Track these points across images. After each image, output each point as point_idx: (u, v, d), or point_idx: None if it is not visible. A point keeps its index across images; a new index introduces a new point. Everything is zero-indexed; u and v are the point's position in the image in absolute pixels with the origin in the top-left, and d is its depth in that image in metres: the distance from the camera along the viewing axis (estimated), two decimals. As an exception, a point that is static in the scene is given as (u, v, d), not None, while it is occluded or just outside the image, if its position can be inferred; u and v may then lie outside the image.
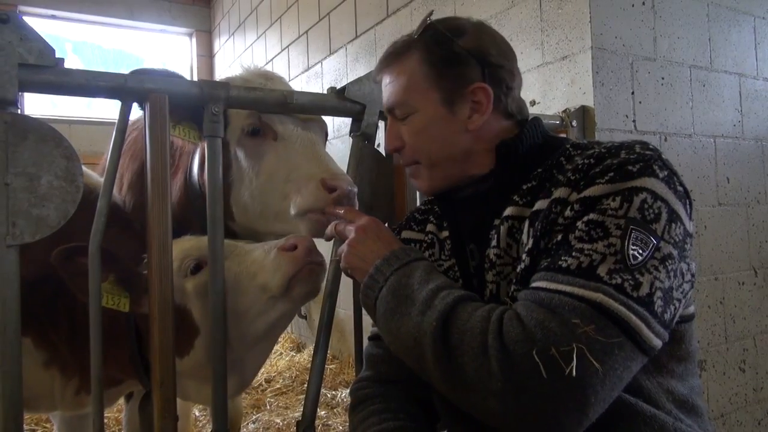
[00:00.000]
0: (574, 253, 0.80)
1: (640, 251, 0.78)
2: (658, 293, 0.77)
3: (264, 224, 1.41)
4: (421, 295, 0.88)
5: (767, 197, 2.48)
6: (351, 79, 1.49)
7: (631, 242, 0.78)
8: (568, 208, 0.86)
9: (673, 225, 0.81)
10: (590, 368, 0.71)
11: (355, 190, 1.26)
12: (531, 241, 0.89)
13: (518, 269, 0.91)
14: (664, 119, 2.13)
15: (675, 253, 0.80)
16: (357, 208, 1.31)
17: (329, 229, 1.15)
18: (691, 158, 2.21)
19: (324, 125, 1.53)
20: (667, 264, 0.79)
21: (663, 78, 2.14)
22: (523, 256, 0.90)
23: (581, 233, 0.81)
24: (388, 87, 1.09)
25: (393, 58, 1.08)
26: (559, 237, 0.84)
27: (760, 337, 2.40)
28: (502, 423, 0.78)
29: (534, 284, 0.83)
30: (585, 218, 0.82)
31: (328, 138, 1.61)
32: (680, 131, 2.18)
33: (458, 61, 1.02)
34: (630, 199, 0.81)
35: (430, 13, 1.09)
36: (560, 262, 0.81)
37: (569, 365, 0.71)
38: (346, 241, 1.05)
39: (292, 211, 1.32)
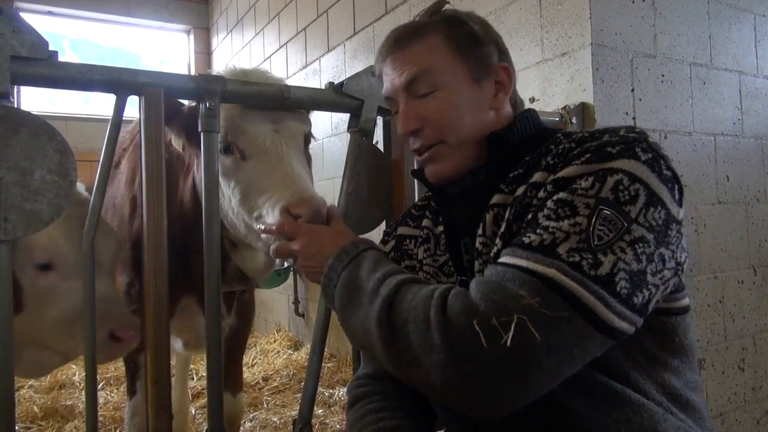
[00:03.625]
0: (538, 230, 0.79)
1: (607, 232, 0.76)
2: (622, 274, 0.74)
3: (252, 241, 1.40)
4: (369, 285, 0.89)
5: (767, 196, 2.47)
6: (349, 75, 1.47)
7: (598, 222, 0.76)
8: (542, 189, 0.85)
9: (652, 209, 0.78)
10: (530, 339, 0.70)
11: (323, 210, 1.19)
12: (504, 225, 0.89)
13: (492, 253, 0.90)
14: (664, 117, 2.12)
15: (650, 237, 0.77)
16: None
17: (276, 252, 1.12)
18: (691, 156, 2.20)
19: (303, 123, 1.46)
20: (638, 247, 0.76)
21: (663, 75, 2.12)
22: (497, 240, 0.90)
23: (549, 211, 0.80)
24: (407, 63, 1.02)
25: (411, 35, 1.03)
26: (530, 216, 0.84)
27: (760, 336, 2.39)
28: (444, 396, 0.77)
29: (498, 260, 0.82)
30: (555, 197, 0.81)
31: (326, 136, 1.60)
32: (680, 129, 2.17)
33: (479, 41, 1.04)
34: (603, 179, 0.79)
35: (444, 2, 1.09)
36: (524, 239, 0.80)
37: (508, 334, 0.70)
38: (299, 264, 1.05)
39: (263, 238, 1.30)
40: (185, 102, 1.45)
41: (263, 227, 1.21)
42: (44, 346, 1.38)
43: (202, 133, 1.19)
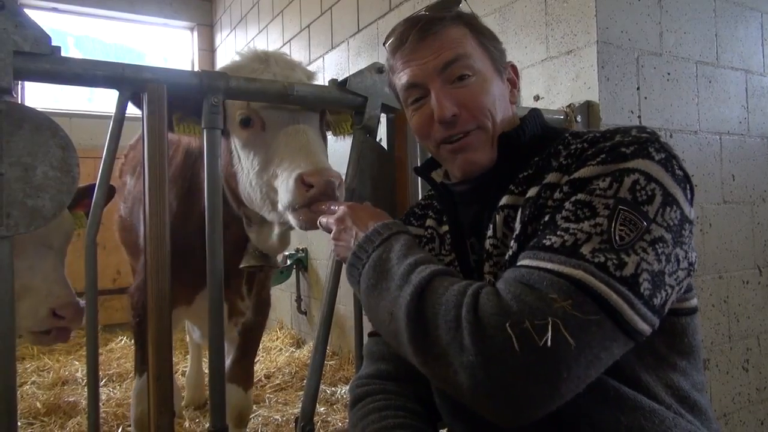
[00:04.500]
0: (559, 232, 0.78)
1: (628, 232, 0.75)
2: (645, 275, 0.74)
3: (266, 213, 1.45)
4: (399, 270, 0.87)
5: (773, 195, 2.45)
6: (353, 73, 1.47)
7: (618, 223, 0.76)
8: (558, 190, 0.84)
9: (668, 208, 0.78)
10: (564, 342, 0.69)
11: (336, 181, 1.23)
12: (519, 227, 0.88)
13: (507, 256, 0.89)
14: (670, 115, 2.11)
15: (668, 237, 0.77)
16: (343, 195, 1.30)
17: (318, 223, 1.15)
18: (697, 155, 2.19)
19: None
20: (657, 247, 0.76)
21: (669, 74, 2.11)
22: (511, 243, 0.89)
23: (568, 213, 0.80)
24: (442, 48, 0.99)
25: (437, 23, 1.01)
26: (547, 218, 0.83)
27: (764, 336, 2.38)
28: (471, 398, 0.75)
29: (518, 263, 0.81)
30: (573, 198, 0.80)
31: (329, 133, 1.62)
32: (686, 128, 2.15)
33: (496, 39, 1.06)
34: (620, 179, 0.78)
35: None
36: (544, 241, 0.79)
37: (543, 338, 0.69)
38: (331, 235, 1.05)
39: (279, 207, 1.34)
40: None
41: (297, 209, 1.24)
42: None
43: (204, 130, 1.19)
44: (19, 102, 1.09)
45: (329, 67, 3.85)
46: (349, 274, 0.97)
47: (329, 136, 1.62)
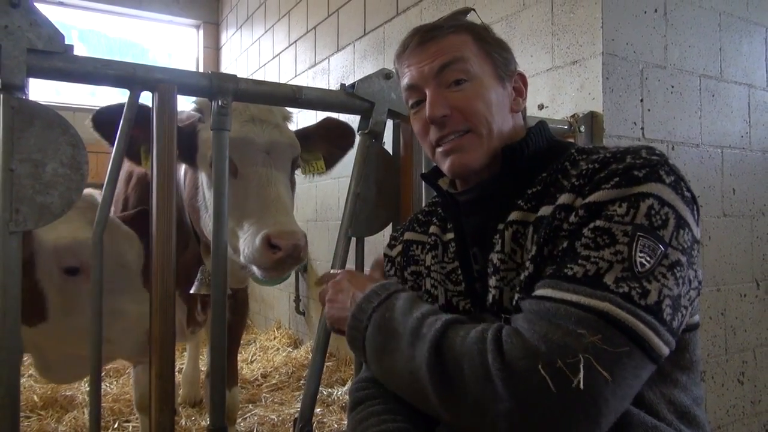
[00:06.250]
0: (580, 261, 0.79)
1: (648, 258, 0.76)
2: (667, 301, 0.75)
3: (228, 254, 1.47)
4: (407, 326, 0.86)
5: (772, 210, 2.47)
6: (358, 76, 1.48)
7: (638, 249, 0.76)
8: (573, 213, 0.84)
9: (681, 231, 0.79)
10: (599, 378, 0.69)
11: (302, 243, 1.26)
12: (534, 248, 0.88)
13: (522, 277, 0.89)
14: (673, 128, 2.12)
15: (683, 259, 0.78)
16: (306, 253, 1.31)
17: (318, 294, 1.15)
18: (698, 168, 2.20)
19: (294, 147, 1.51)
20: (676, 271, 0.77)
21: (673, 86, 2.12)
22: (527, 264, 0.89)
23: (587, 240, 0.80)
24: (440, 52, 1.02)
25: (442, 30, 1.03)
26: (565, 244, 0.83)
27: (760, 350, 2.39)
28: None
29: (538, 292, 0.81)
30: (591, 225, 0.81)
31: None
32: (688, 140, 2.17)
33: (503, 47, 1.08)
34: (636, 205, 0.79)
35: (469, 9, 1.12)
36: (566, 270, 0.79)
37: (577, 377, 0.69)
38: (326, 297, 1.06)
39: (241, 258, 1.37)
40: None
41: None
42: (73, 353, 1.37)
43: (213, 131, 1.20)
44: (26, 94, 1.11)
45: (334, 69, 3.86)
46: (351, 337, 0.95)
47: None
